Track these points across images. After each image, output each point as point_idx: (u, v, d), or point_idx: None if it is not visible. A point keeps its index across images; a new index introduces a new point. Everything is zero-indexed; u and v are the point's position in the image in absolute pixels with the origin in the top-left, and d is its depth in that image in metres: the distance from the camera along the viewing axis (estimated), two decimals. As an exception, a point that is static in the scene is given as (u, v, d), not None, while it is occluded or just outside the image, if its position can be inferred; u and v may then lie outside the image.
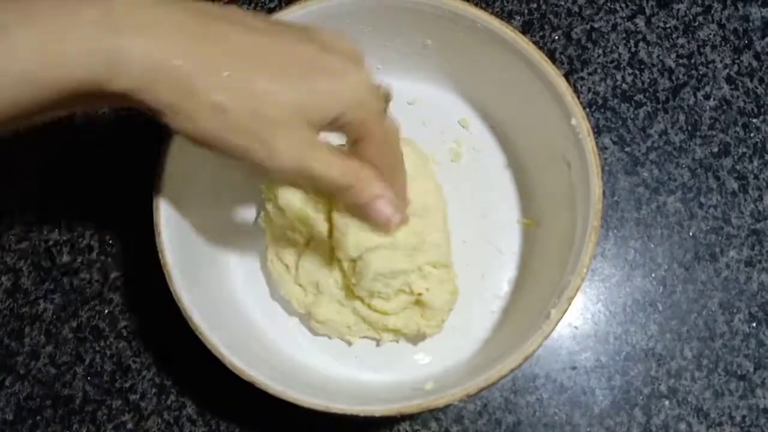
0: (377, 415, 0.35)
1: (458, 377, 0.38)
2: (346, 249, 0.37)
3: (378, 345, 0.44)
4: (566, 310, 0.36)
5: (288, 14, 0.42)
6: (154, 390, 0.45)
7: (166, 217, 0.39)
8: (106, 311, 0.47)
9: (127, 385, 0.45)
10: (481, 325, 0.44)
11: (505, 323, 0.43)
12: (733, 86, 0.51)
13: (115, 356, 0.46)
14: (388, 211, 0.35)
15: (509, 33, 0.41)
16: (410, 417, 0.44)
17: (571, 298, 0.36)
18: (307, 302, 0.42)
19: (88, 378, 0.45)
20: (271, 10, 0.54)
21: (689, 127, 0.50)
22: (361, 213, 0.35)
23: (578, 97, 0.40)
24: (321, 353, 0.43)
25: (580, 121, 0.39)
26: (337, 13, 0.43)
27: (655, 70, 0.51)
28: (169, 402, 0.45)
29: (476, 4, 0.42)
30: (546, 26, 0.52)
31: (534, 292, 0.42)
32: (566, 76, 0.41)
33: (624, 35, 0.52)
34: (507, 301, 0.44)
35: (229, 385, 0.45)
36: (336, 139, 0.37)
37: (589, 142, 0.39)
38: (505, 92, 0.45)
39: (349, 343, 0.43)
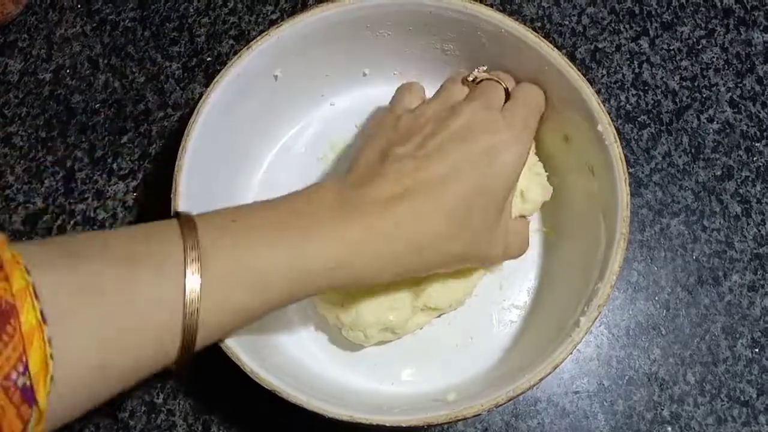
0: (404, 425, 0.34)
1: (482, 387, 0.37)
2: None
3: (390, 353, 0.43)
4: (596, 319, 0.36)
5: (307, 17, 0.41)
6: (143, 408, 0.44)
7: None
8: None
9: (116, 402, 0.44)
10: (500, 335, 0.43)
11: (526, 333, 0.43)
12: (736, 110, 0.51)
13: (104, 372, 0.44)
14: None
15: (533, 38, 0.41)
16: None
17: (602, 306, 0.36)
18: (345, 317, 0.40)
19: (76, 395, 0.44)
20: (273, 22, 0.53)
21: (692, 150, 0.50)
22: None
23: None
24: (337, 363, 0.42)
25: (607, 127, 0.39)
26: (356, 17, 0.42)
27: (659, 91, 0.51)
28: (158, 421, 0.43)
29: (484, 21, 0.42)
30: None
31: (556, 302, 0.41)
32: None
33: (628, 56, 0.52)
34: (527, 311, 0.44)
35: (222, 406, 0.44)
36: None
37: (616, 149, 0.38)
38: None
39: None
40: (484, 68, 0.42)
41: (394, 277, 0.34)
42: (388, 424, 0.34)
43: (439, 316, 0.43)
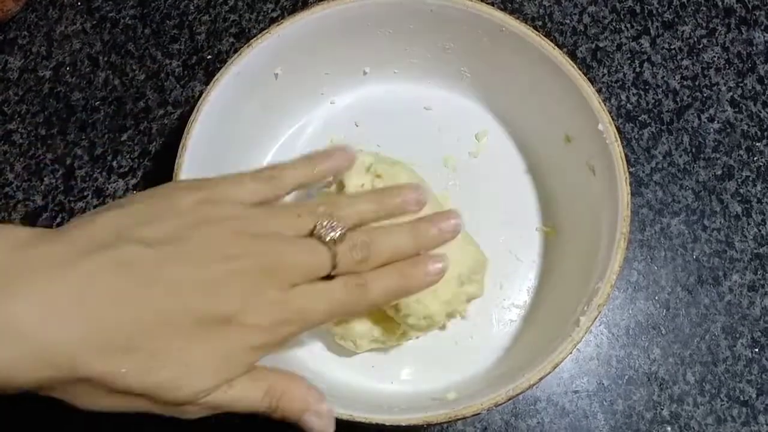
0: (403, 424, 0.34)
1: (482, 387, 0.37)
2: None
3: (389, 352, 0.43)
4: (596, 318, 0.36)
5: (308, 15, 0.41)
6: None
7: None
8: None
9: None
10: (500, 334, 0.43)
11: (526, 332, 0.43)
12: (736, 109, 0.51)
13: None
14: (317, 424, 0.30)
15: (534, 37, 0.41)
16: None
17: (601, 306, 0.36)
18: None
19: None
20: (273, 20, 0.53)
21: (693, 149, 0.50)
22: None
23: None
24: (336, 363, 0.42)
25: (608, 126, 0.39)
26: (358, 15, 0.42)
27: (659, 91, 0.51)
28: (157, 420, 0.43)
29: (485, 19, 0.42)
30: (551, 44, 0.52)
31: (556, 301, 0.41)
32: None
33: (629, 55, 0.52)
34: (526, 310, 0.44)
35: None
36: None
37: (617, 148, 0.38)
38: (526, 97, 0.44)
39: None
40: (343, 229, 0.30)
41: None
42: (387, 423, 0.34)
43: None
